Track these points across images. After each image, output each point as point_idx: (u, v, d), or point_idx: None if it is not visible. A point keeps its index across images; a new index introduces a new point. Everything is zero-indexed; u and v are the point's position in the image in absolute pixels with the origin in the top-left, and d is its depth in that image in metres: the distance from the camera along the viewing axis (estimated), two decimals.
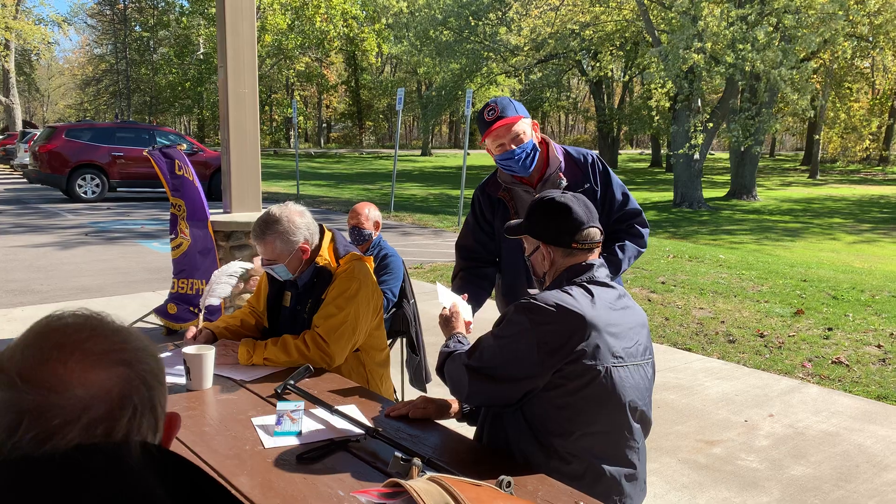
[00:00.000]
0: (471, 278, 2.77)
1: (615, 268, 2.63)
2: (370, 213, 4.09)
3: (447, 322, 2.30)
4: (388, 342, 3.70)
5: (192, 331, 2.67)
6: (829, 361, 5.39)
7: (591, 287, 1.94)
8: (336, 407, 2.10)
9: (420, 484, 1.19)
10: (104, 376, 0.83)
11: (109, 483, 0.75)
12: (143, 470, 0.78)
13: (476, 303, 2.66)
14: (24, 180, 20.05)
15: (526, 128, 2.61)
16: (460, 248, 2.87)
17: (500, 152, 2.61)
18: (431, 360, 4.52)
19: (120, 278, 8.07)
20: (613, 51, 28.06)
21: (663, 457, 3.73)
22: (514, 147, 2.58)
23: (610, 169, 2.77)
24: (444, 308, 2.33)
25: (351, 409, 2.15)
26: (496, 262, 2.85)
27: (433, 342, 5.56)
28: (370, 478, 1.72)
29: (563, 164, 2.70)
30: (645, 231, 2.78)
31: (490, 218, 2.78)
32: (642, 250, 2.78)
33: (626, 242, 2.73)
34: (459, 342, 2.15)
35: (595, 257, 2.04)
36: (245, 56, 5.13)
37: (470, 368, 1.94)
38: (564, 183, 2.65)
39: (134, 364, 0.86)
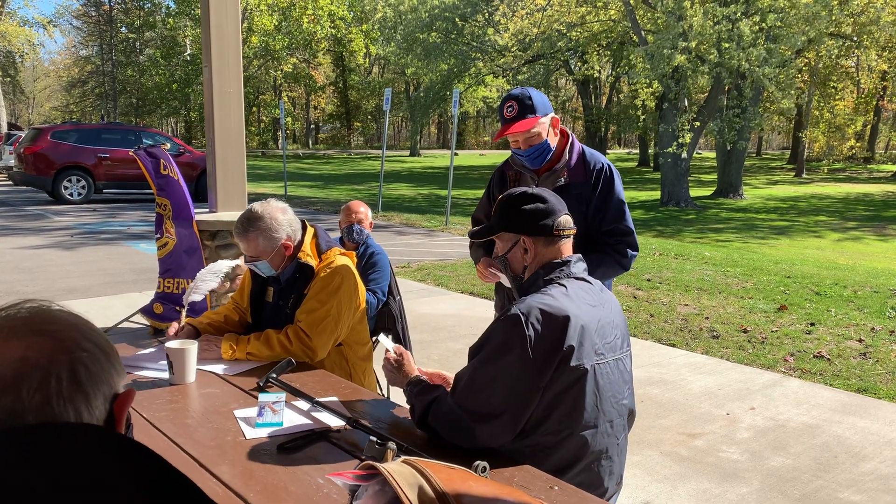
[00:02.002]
0: (489, 245, 2.88)
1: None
2: (368, 213, 4.11)
3: (398, 367, 2.10)
4: (374, 339, 3.73)
5: (174, 326, 2.68)
6: (811, 356, 5.45)
7: (568, 284, 1.92)
8: (317, 399, 2.12)
9: (394, 466, 1.22)
10: (16, 345, 0.83)
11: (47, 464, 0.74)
12: (77, 445, 0.78)
13: None
14: (10, 182, 19.94)
15: (542, 129, 2.66)
16: (474, 220, 3.08)
17: (514, 147, 2.73)
18: (417, 357, 4.56)
19: (106, 279, 8.05)
20: (600, 51, 28.16)
21: (645, 450, 3.78)
22: (525, 147, 2.68)
23: (618, 181, 2.78)
24: (388, 351, 2.15)
25: (332, 402, 2.18)
26: None
27: (419, 339, 5.59)
28: (350, 466, 1.75)
29: (572, 163, 2.74)
30: (632, 253, 2.75)
31: (497, 194, 2.92)
32: (621, 271, 2.77)
33: (604, 258, 2.71)
34: (427, 389, 1.95)
35: (569, 252, 2.03)
36: (230, 55, 5.14)
37: (467, 410, 1.80)
38: (561, 182, 2.71)
39: (55, 335, 0.86)
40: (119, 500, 0.74)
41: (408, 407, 2.02)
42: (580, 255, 2.04)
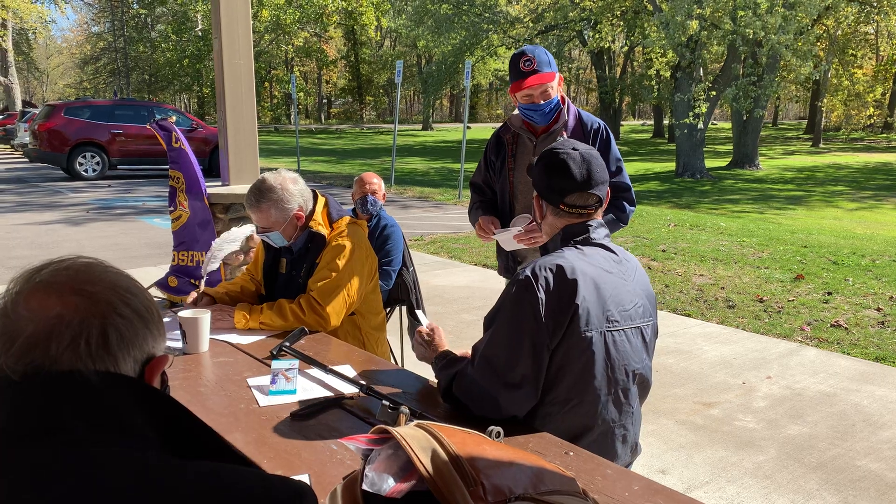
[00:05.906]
0: (488, 208, 3.00)
1: None
2: (381, 184, 4.08)
3: (429, 342, 2.06)
4: (388, 310, 3.73)
5: (192, 295, 2.69)
6: (828, 325, 5.40)
7: (585, 248, 1.89)
8: (330, 367, 2.11)
9: (406, 430, 1.20)
10: (54, 302, 0.85)
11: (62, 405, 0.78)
12: (106, 393, 0.81)
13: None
14: (25, 160, 20.01)
15: (555, 84, 2.79)
16: (472, 185, 3.14)
17: (526, 102, 2.79)
18: None
19: (121, 254, 8.10)
20: (614, 20, 27.74)
21: (661, 418, 3.76)
22: (541, 101, 2.76)
23: (614, 140, 2.89)
24: (421, 327, 2.12)
25: (346, 370, 2.17)
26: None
27: (433, 311, 5.59)
28: (364, 432, 1.74)
29: (570, 125, 2.85)
30: (630, 208, 2.88)
31: (494, 158, 2.99)
32: (621, 225, 2.91)
33: (609, 214, 2.83)
34: (453, 361, 1.93)
35: (593, 219, 1.95)
36: (239, 26, 5.09)
37: (488, 380, 1.76)
38: None
39: (92, 296, 0.87)
40: (148, 446, 0.77)
41: (431, 380, 2.04)
42: (601, 221, 1.98)
